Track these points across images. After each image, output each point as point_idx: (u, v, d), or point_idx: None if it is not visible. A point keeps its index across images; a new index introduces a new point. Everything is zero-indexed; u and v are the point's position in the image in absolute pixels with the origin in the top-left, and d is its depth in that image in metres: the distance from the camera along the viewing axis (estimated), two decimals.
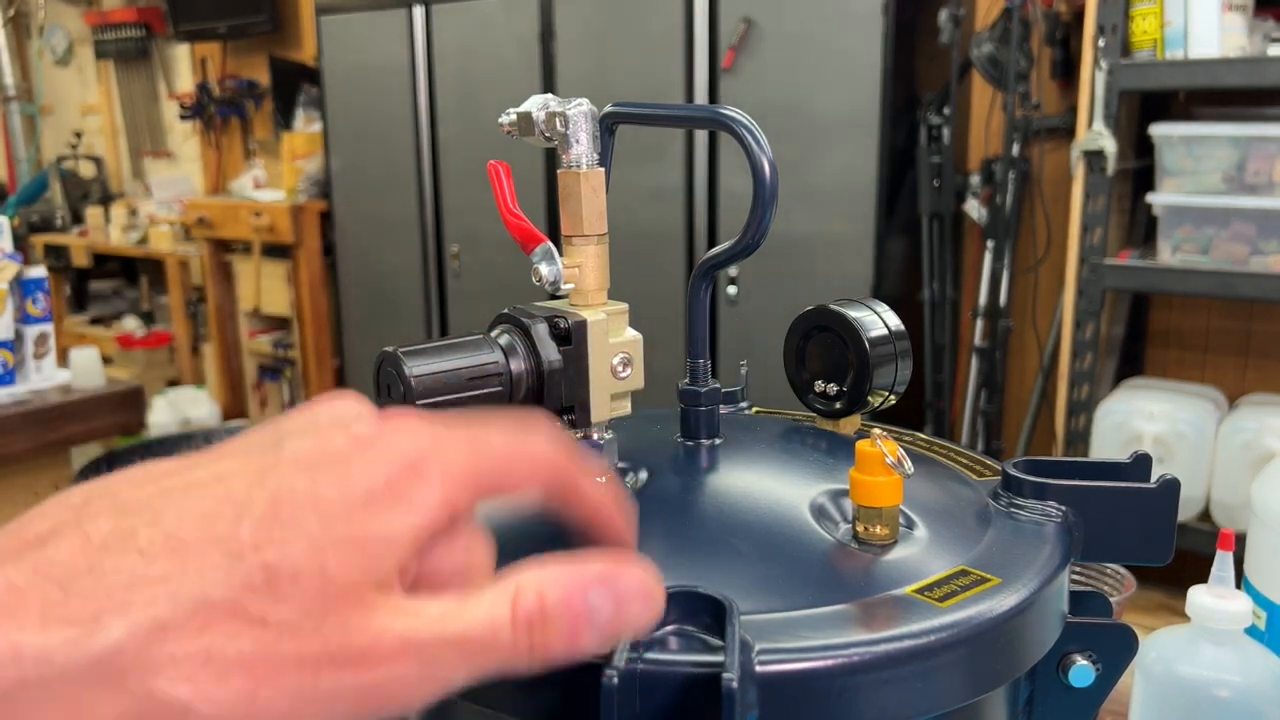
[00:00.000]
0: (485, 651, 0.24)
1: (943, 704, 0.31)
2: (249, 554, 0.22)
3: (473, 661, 0.24)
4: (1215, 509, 2.01)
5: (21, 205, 4.60)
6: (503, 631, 0.24)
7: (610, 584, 0.26)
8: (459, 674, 0.24)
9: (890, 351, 0.45)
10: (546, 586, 0.25)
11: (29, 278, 1.71)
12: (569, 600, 0.25)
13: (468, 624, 0.24)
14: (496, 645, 0.24)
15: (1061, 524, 0.38)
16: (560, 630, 0.25)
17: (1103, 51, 1.97)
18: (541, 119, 0.40)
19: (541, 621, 0.25)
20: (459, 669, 0.24)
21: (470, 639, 0.24)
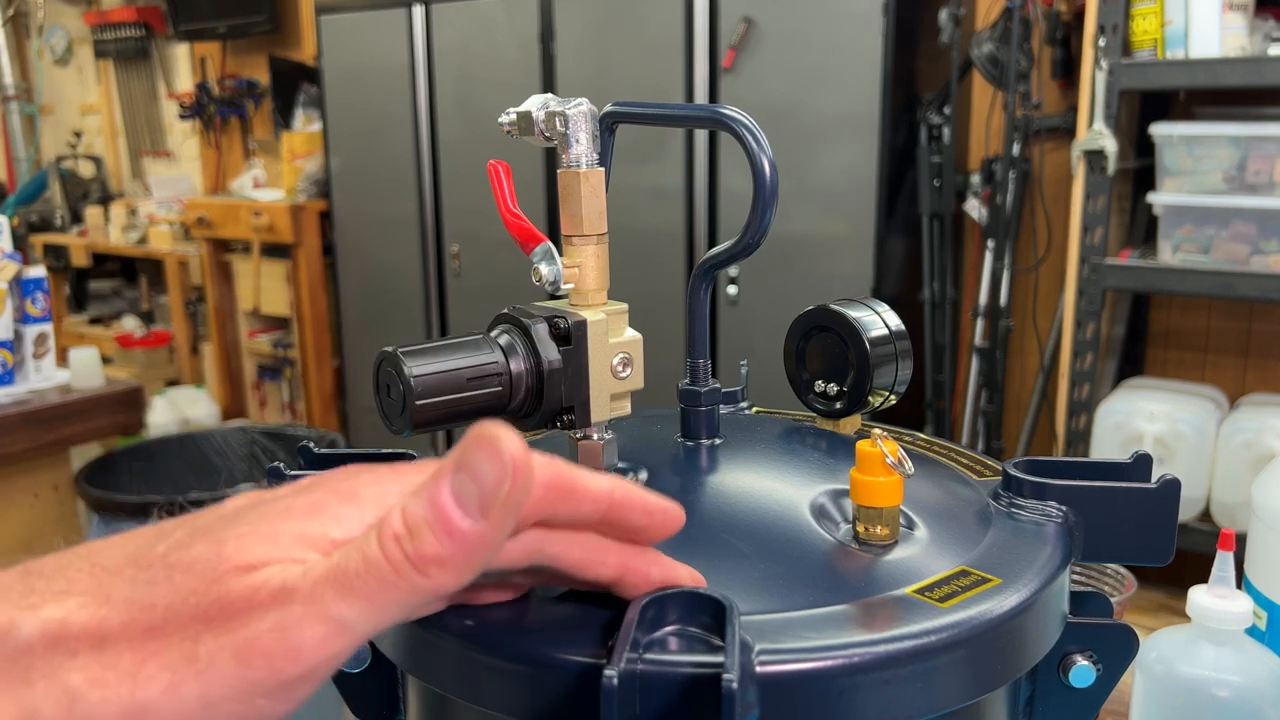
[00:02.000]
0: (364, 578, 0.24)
1: (943, 704, 0.31)
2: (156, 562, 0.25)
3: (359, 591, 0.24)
4: (1216, 509, 2.01)
5: (21, 205, 4.60)
6: (373, 553, 0.24)
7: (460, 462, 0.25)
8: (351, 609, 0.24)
9: (890, 351, 0.45)
10: (407, 501, 0.25)
11: (28, 278, 1.71)
12: (431, 499, 0.25)
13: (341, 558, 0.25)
14: (374, 568, 0.24)
15: (1062, 524, 0.38)
16: (432, 532, 0.24)
17: (1103, 51, 1.97)
18: (541, 119, 0.39)
19: (408, 531, 0.24)
20: (348, 604, 0.24)
21: (344, 569, 0.24)
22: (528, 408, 0.38)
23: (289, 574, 0.25)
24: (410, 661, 0.34)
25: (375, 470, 0.28)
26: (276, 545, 0.25)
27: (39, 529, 1.82)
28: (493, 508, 0.25)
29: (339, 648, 0.24)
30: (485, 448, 0.25)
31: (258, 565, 0.25)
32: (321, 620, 0.24)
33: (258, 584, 0.24)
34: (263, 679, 0.24)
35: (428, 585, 0.25)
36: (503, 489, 0.25)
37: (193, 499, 1.95)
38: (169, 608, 0.24)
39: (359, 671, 0.40)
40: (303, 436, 2.44)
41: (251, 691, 0.24)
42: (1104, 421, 2.07)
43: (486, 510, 0.25)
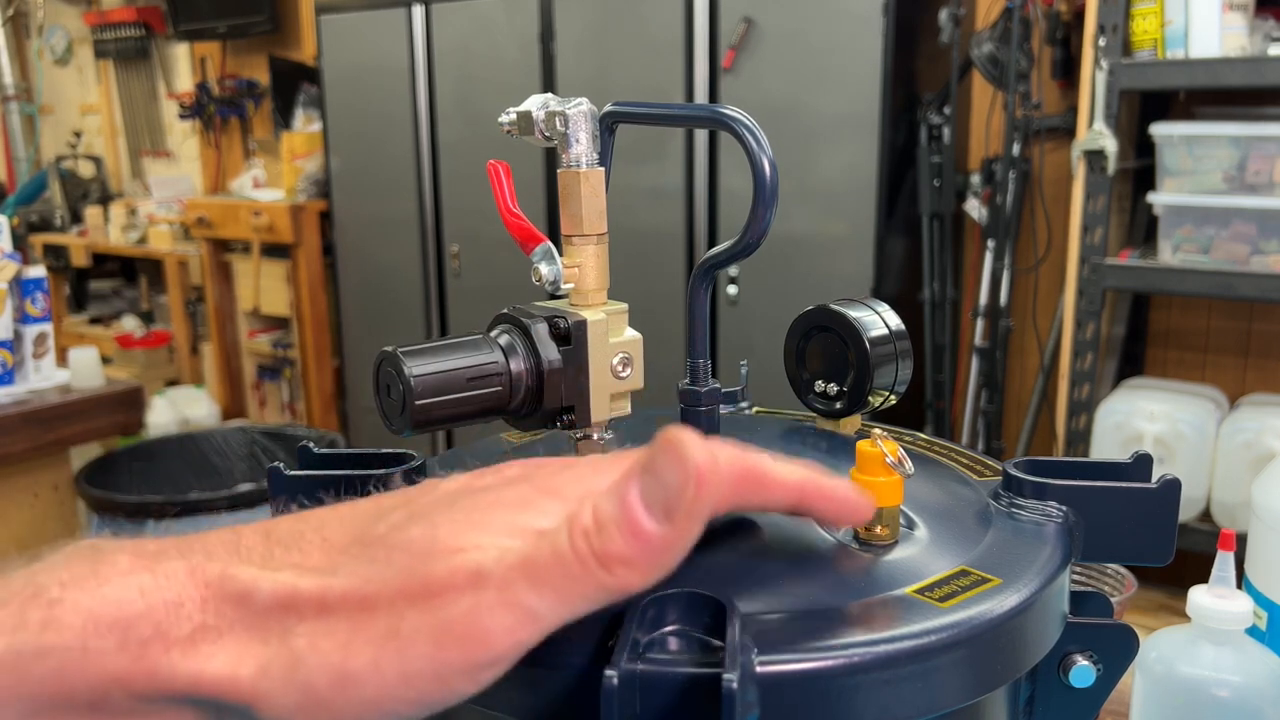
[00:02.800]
0: (553, 570, 0.25)
1: (943, 704, 0.31)
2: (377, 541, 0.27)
3: (547, 583, 0.25)
4: (1216, 509, 2.01)
5: (21, 205, 4.60)
6: (562, 547, 0.25)
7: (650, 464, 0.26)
8: (538, 599, 0.25)
9: (890, 351, 0.45)
10: (598, 499, 0.26)
11: (28, 277, 1.71)
12: (620, 499, 0.26)
13: (533, 548, 0.26)
14: (561, 562, 0.25)
15: (1062, 524, 0.38)
16: (618, 528, 0.25)
17: (1103, 51, 1.97)
18: (541, 118, 0.39)
19: (596, 528, 0.25)
20: (535, 594, 0.25)
21: (535, 560, 0.25)
22: (528, 408, 0.38)
23: (485, 558, 0.26)
24: None
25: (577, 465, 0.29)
26: (488, 532, 0.26)
27: (39, 529, 1.82)
28: (677, 513, 0.25)
29: (527, 635, 0.25)
30: (671, 453, 0.25)
31: (466, 549, 0.26)
32: (511, 607, 0.25)
33: (456, 566, 0.26)
34: (455, 660, 0.25)
35: (613, 583, 0.25)
36: (687, 495, 0.25)
37: (193, 499, 1.95)
38: (383, 583, 0.26)
39: None
40: (303, 436, 2.44)
41: (444, 672, 0.25)
42: (1104, 421, 2.07)
43: (671, 515, 0.25)
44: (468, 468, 0.32)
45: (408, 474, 0.42)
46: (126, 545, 0.28)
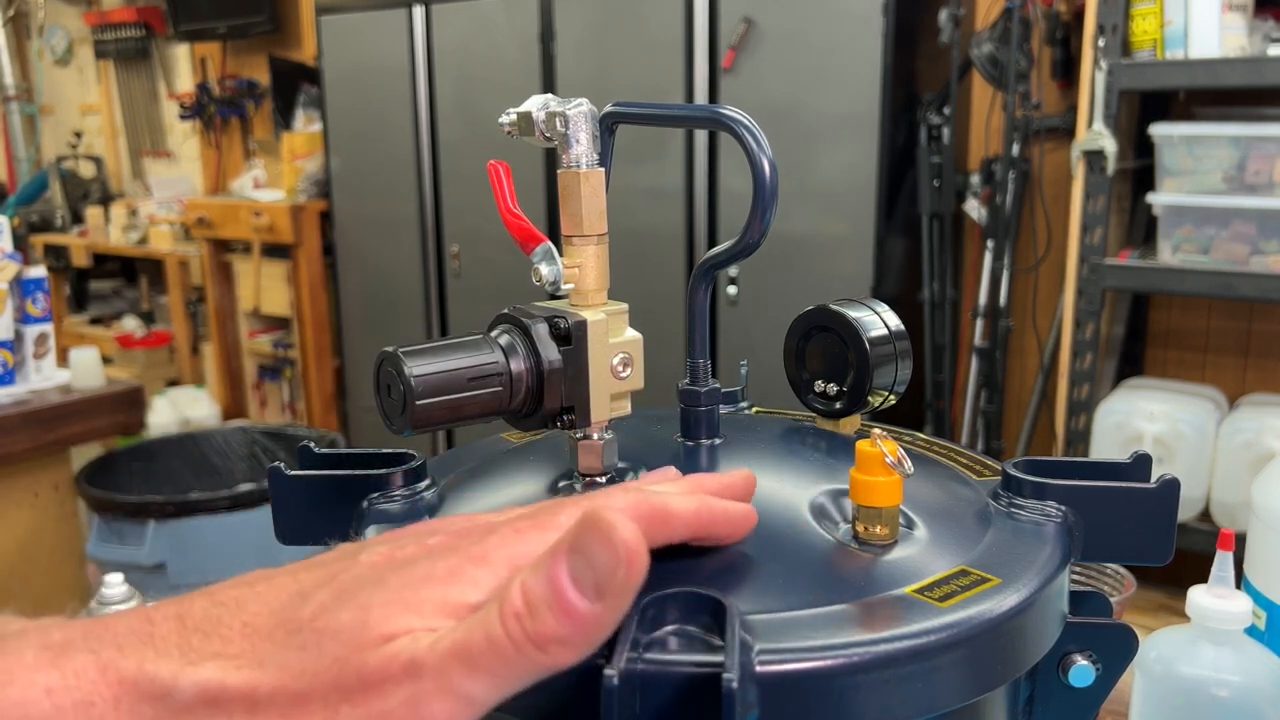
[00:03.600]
0: (488, 655, 0.25)
1: (943, 704, 0.31)
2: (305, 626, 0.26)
3: (480, 669, 0.25)
4: (1215, 509, 2.01)
5: (21, 205, 4.60)
6: (494, 630, 0.25)
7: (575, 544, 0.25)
8: (472, 685, 0.25)
9: (890, 351, 0.45)
10: (527, 577, 0.26)
11: (29, 278, 1.71)
12: (549, 576, 0.25)
13: (465, 633, 0.25)
14: (496, 646, 0.25)
15: (1061, 524, 0.38)
16: (550, 609, 0.25)
17: (1103, 51, 1.97)
18: (541, 119, 0.40)
19: (528, 610, 0.25)
20: (469, 679, 0.25)
21: (469, 645, 0.25)
22: (528, 408, 0.39)
23: (418, 647, 0.25)
24: None
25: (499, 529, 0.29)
26: (420, 614, 0.26)
27: (39, 529, 1.82)
28: (608, 591, 0.25)
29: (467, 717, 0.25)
30: (598, 534, 0.25)
31: (398, 635, 0.26)
32: (448, 696, 0.25)
33: (389, 656, 0.25)
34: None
35: (548, 661, 0.25)
36: (618, 575, 0.25)
37: (193, 499, 1.95)
38: (314, 675, 0.25)
39: None
40: (303, 436, 2.44)
41: None
42: (1103, 421, 2.07)
43: (602, 594, 0.25)
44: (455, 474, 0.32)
45: (407, 474, 0.42)
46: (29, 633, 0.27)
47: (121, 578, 0.87)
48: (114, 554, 1.93)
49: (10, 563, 1.76)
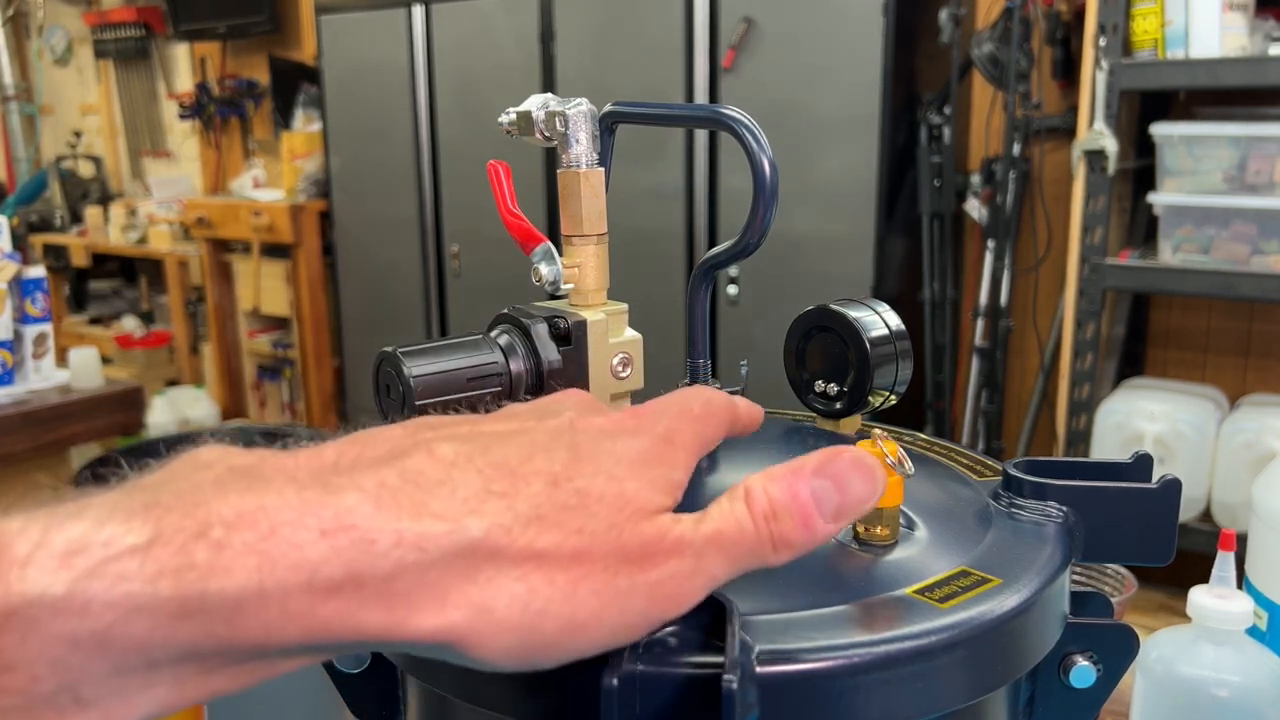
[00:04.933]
0: (737, 544, 0.28)
1: (943, 705, 0.31)
2: (563, 482, 0.27)
3: (730, 554, 0.28)
4: (1216, 509, 2.01)
5: (21, 205, 4.60)
6: (746, 525, 0.28)
7: (826, 471, 0.29)
8: (721, 567, 0.28)
9: (891, 351, 0.45)
10: (769, 486, 0.29)
11: (28, 278, 1.71)
12: (792, 493, 0.29)
13: (720, 522, 0.28)
14: (744, 538, 0.28)
15: (1062, 524, 0.38)
16: (793, 520, 0.28)
17: (1103, 51, 1.97)
18: (541, 118, 0.39)
19: (773, 514, 0.28)
20: (721, 562, 0.28)
21: (725, 533, 0.28)
22: None
23: (682, 528, 0.27)
24: (410, 662, 0.34)
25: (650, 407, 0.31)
26: (658, 491, 0.28)
27: None
28: (844, 517, 0.29)
29: (704, 596, 0.28)
30: (863, 471, 0.30)
31: (652, 511, 0.27)
32: (703, 574, 0.27)
33: (661, 530, 0.27)
34: (659, 616, 0.27)
35: (773, 560, 0.28)
36: (865, 507, 0.30)
37: None
38: (593, 535, 0.26)
39: (359, 672, 0.40)
40: (303, 436, 2.44)
41: (648, 625, 0.27)
42: (1104, 421, 2.07)
43: (840, 517, 0.29)
44: None
45: None
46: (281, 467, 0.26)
47: None
48: None
49: None
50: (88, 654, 0.21)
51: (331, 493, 0.24)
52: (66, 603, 0.21)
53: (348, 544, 0.24)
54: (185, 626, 0.22)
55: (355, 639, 0.24)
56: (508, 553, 0.25)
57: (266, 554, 0.23)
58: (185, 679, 0.23)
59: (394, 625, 0.24)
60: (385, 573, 0.24)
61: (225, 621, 0.23)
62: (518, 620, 0.25)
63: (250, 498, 0.24)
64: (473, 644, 0.25)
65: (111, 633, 0.22)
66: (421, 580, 0.24)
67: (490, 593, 0.25)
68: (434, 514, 0.25)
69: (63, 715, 0.22)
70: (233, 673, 0.24)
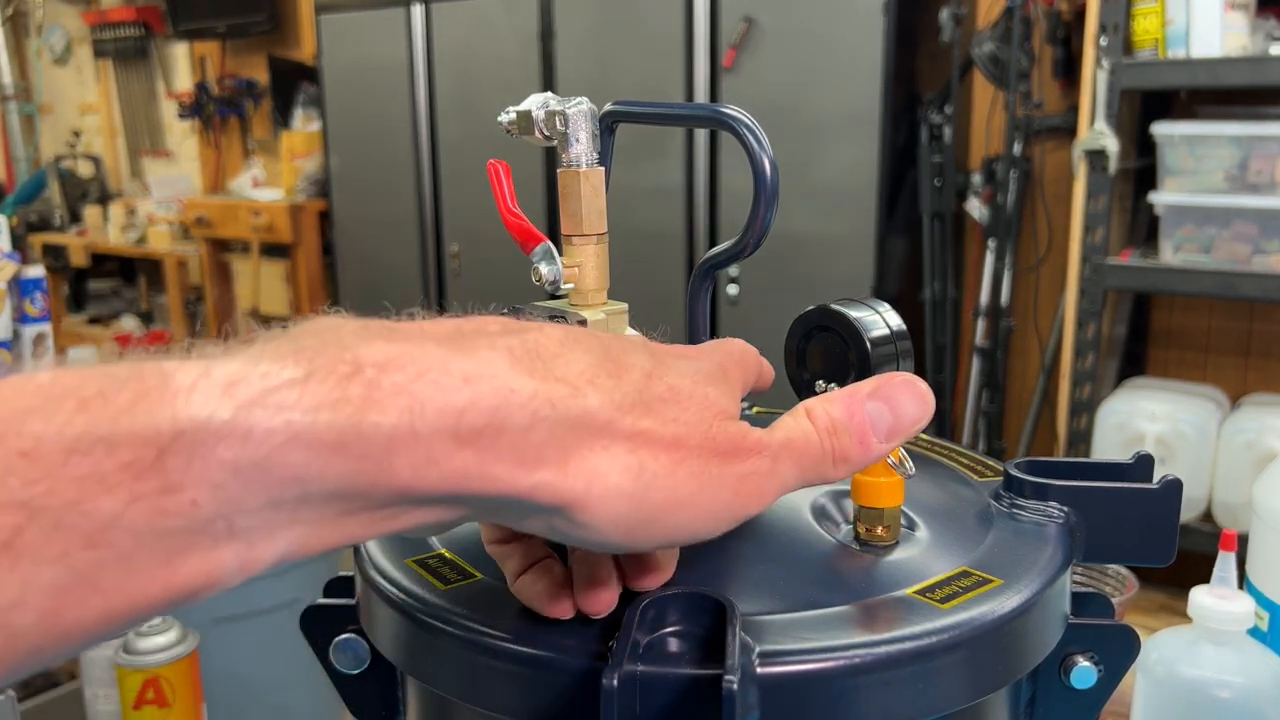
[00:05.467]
0: (805, 454, 0.30)
1: (944, 706, 0.31)
2: (655, 378, 0.28)
3: (800, 462, 0.30)
4: (1217, 509, 2.01)
5: (19, 204, 4.60)
6: (812, 437, 0.30)
7: (879, 394, 0.31)
8: (792, 473, 0.30)
9: (891, 351, 0.45)
10: (830, 406, 0.31)
11: (27, 277, 1.71)
12: (850, 413, 0.31)
13: (791, 432, 0.30)
14: (811, 449, 0.30)
15: (1063, 525, 0.38)
16: (852, 437, 0.30)
17: (1104, 50, 1.97)
18: (541, 118, 0.39)
19: (834, 430, 0.30)
20: (792, 468, 0.29)
21: (795, 442, 0.30)
22: None
23: (759, 432, 0.29)
24: (410, 662, 0.34)
25: (697, 347, 0.33)
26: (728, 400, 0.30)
27: None
28: (897, 437, 0.31)
29: (777, 498, 0.30)
30: (914, 393, 0.31)
31: (730, 416, 0.29)
32: (777, 476, 0.29)
33: (745, 432, 0.29)
34: (741, 508, 0.28)
35: (832, 475, 0.30)
36: (917, 428, 0.31)
37: None
38: (686, 425, 0.28)
39: (358, 672, 0.40)
40: None
41: (731, 517, 0.28)
42: (1105, 421, 2.07)
43: (893, 436, 0.31)
44: None
45: None
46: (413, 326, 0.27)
47: None
48: None
49: None
50: (246, 482, 0.22)
51: (468, 349, 0.25)
52: (231, 428, 0.22)
53: (489, 391, 0.24)
54: (339, 460, 0.23)
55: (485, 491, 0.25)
56: (617, 426, 0.26)
57: (416, 395, 0.24)
58: (328, 520, 0.24)
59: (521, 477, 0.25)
60: (523, 423, 0.25)
61: (377, 460, 0.23)
62: (630, 488, 0.26)
63: (394, 346, 0.24)
64: (587, 507, 0.26)
65: (271, 461, 0.22)
66: (551, 436, 0.25)
67: (605, 460, 0.26)
68: (558, 378, 0.26)
69: (215, 543, 0.22)
70: (368, 519, 0.24)
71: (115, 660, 0.66)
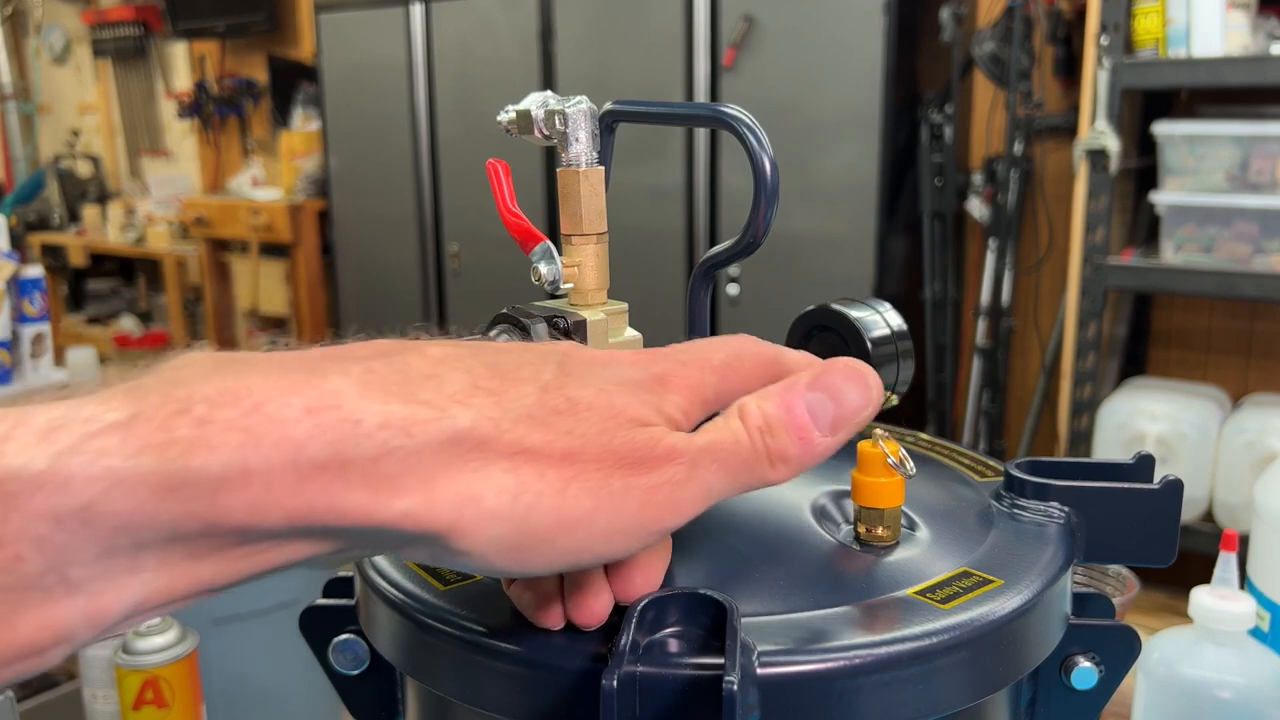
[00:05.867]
0: (733, 456, 0.28)
1: (945, 706, 0.31)
2: (554, 389, 0.27)
3: (726, 467, 0.28)
4: (1218, 509, 2.01)
5: (18, 204, 4.60)
6: (741, 438, 0.28)
7: (819, 384, 0.29)
8: (717, 479, 0.28)
9: (892, 351, 0.45)
10: (763, 403, 0.29)
11: (26, 277, 1.71)
12: (788, 407, 0.29)
13: (715, 434, 0.28)
14: (740, 450, 0.28)
15: (1064, 525, 0.37)
16: (790, 433, 0.28)
17: (1105, 50, 1.97)
18: (541, 117, 0.39)
19: (769, 429, 0.28)
20: (717, 474, 0.28)
21: (720, 445, 0.28)
22: None
23: (675, 438, 0.27)
24: (409, 663, 0.34)
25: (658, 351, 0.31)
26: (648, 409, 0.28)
27: None
28: (842, 429, 0.29)
29: (700, 509, 0.28)
30: (856, 379, 0.30)
31: (643, 423, 0.27)
32: (698, 483, 0.27)
33: (656, 438, 0.27)
34: (654, 522, 0.27)
35: (772, 476, 0.28)
36: (861, 417, 0.30)
37: None
38: (584, 436, 0.26)
39: (358, 673, 0.40)
40: None
41: (642, 531, 0.27)
42: (1106, 421, 2.07)
43: (837, 429, 0.29)
44: None
45: None
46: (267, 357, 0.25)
47: None
48: None
49: None
50: (72, 532, 0.21)
51: (317, 376, 0.24)
52: (47, 477, 0.21)
53: (332, 422, 0.23)
54: (168, 503, 0.22)
55: (339, 523, 0.23)
56: (495, 445, 0.25)
57: (250, 430, 0.22)
58: (174, 563, 0.23)
59: (378, 507, 0.24)
60: (371, 454, 0.23)
61: (208, 499, 0.22)
62: (507, 511, 0.25)
63: (234, 379, 0.23)
64: (460, 533, 0.25)
65: (94, 509, 0.21)
66: (406, 464, 0.24)
67: (477, 482, 0.25)
68: (420, 401, 0.25)
69: (50, 598, 0.21)
70: (220, 560, 0.23)
71: (114, 660, 0.66)
